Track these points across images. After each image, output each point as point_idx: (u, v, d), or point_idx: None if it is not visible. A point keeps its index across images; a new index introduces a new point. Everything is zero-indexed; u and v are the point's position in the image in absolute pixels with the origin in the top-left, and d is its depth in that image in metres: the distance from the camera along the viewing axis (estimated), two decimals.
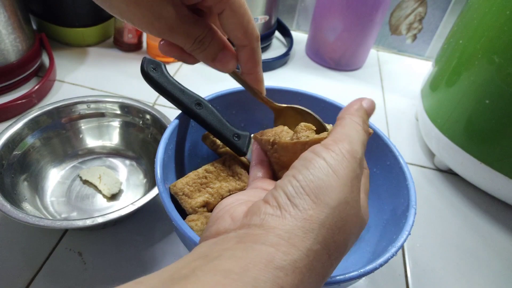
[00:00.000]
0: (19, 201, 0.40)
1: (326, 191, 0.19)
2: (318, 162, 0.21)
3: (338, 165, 0.20)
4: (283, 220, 0.19)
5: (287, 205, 0.19)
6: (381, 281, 0.42)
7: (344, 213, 0.20)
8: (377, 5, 0.70)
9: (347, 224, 0.20)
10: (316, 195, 0.19)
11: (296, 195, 0.20)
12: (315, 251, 0.18)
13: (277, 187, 0.21)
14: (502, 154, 0.47)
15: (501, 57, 0.44)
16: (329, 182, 0.20)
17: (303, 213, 0.19)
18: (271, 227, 0.19)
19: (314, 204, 0.19)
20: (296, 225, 0.18)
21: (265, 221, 0.19)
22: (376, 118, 0.68)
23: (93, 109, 0.50)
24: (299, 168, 0.21)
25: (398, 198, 0.36)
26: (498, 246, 0.48)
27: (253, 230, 0.19)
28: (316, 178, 0.20)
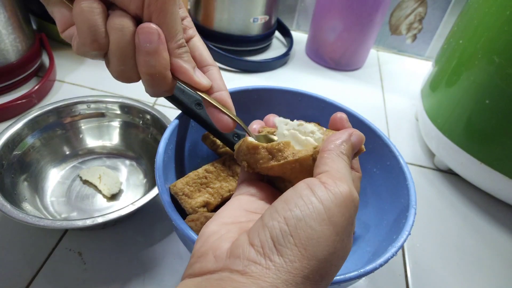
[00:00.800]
0: (19, 201, 0.40)
1: (316, 243, 0.19)
2: (314, 204, 0.19)
3: (335, 210, 0.19)
4: (267, 271, 0.18)
5: (273, 253, 0.19)
6: (381, 281, 0.42)
7: (330, 264, 0.19)
8: (377, 5, 0.70)
9: (330, 272, 0.19)
10: (304, 247, 0.18)
11: (284, 243, 0.19)
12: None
13: (264, 227, 0.20)
14: (502, 154, 0.47)
15: (501, 57, 0.44)
16: (322, 232, 0.19)
17: (288, 265, 0.18)
18: (254, 277, 0.18)
19: (302, 256, 0.18)
20: (279, 277, 0.18)
21: (248, 268, 0.18)
22: (376, 118, 0.68)
23: (93, 109, 0.50)
24: (291, 206, 0.20)
25: (398, 198, 0.36)
26: (498, 246, 0.48)
27: (235, 276, 0.18)
28: (308, 227, 0.19)
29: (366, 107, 0.70)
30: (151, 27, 0.24)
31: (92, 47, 0.24)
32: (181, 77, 0.27)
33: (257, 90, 0.43)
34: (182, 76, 0.27)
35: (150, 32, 0.24)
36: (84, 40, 0.24)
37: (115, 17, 0.24)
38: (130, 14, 0.24)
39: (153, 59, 0.25)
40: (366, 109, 0.69)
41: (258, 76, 0.75)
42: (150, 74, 0.25)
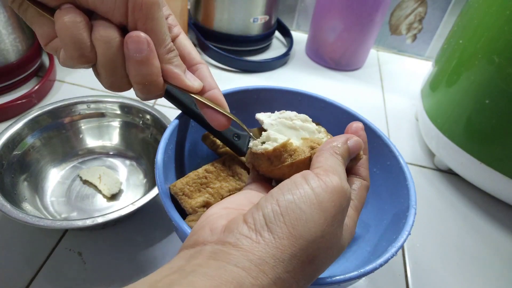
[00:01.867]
0: (19, 201, 0.40)
1: (304, 224, 0.20)
2: (305, 190, 0.21)
3: (325, 196, 0.21)
4: (257, 245, 0.19)
5: (263, 229, 0.20)
6: (381, 281, 0.42)
7: (318, 246, 0.20)
8: (377, 5, 0.70)
9: (319, 256, 0.20)
10: (293, 226, 0.20)
11: (274, 221, 0.20)
12: (283, 280, 0.19)
13: (258, 208, 0.21)
14: (502, 154, 0.47)
15: (501, 57, 0.44)
16: (310, 215, 0.20)
17: (277, 242, 0.19)
18: (244, 249, 0.19)
19: (290, 234, 0.19)
20: (268, 252, 0.19)
21: (239, 241, 0.20)
22: (376, 118, 0.68)
23: (93, 109, 0.50)
24: (285, 191, 0.21)
25: (398, 198, 0.36)
26: (498, 246, 0.48)
27: (227, 248, 0.19)
28: (298, 208, 0.20)
29: (366, 107, 0.70)
30: (140, 35, 0.23)
31: (80, 61, 0.24)
32: (173, 82, 0.27)
33: (257, 90, 0.43)
34: (174, 81, 0.27)
35: (139, 41, 0.23)
36: (71, 54, 0.23)
37: (100, 28, 0.23)
38: (114, 23, 0.24)
39: (144, 68, 0.24)
40: (366, 109, 0.69)
41: (258, 76, 0.75)
42: (142, 83, 0.25)
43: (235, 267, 0.18)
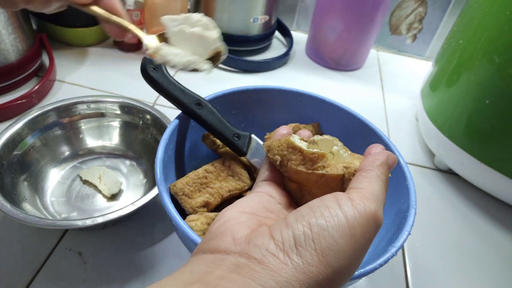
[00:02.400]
0: (19, 201, 0.40)
1: (335, 254, 0.19)
2: (339, 217, 0.20)
3: (358, 228, 0.20)
4: (284, 266, 0.19)
5: (292, 252, 0.19)
6: (381, 281, 0.42)
7: (343, 276, 0.20)
8: (377, 5, 0.70)
9: (340, 282, 0.20)
10: (323, 254, 0.19)
11: (305, 245, 0.19)
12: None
13: (288, 226, 0.20)
14: (502, 154, 0.47)
15: (501, 57, 0.44)
16: (342, 246, 0.19)
17: (305, 267, 0.19)
18: (271, 269, 0.19)
19: (319, 262, 0.19)
20: (295, 276, 0.19)
21: (265, 258, 0.19)
22: (376, 118, 0.68)
23: (93, 109, 0.50)
24: (317, 215, 0.20)
25: (398, 198, 0.36)
26: (498, 246, 0.48)
27: (252, 264, 0.19)
28: (331, 237, 0.19)
29: (366, 107, 0.70)
30: None
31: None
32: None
33: (257, 90, 0.43)
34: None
35: None
36: None
37: None
38: None
39: None
40: (366, 109, 0.69)
41: (258, 76, 0.75)
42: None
43: (260, 286, 0.18)
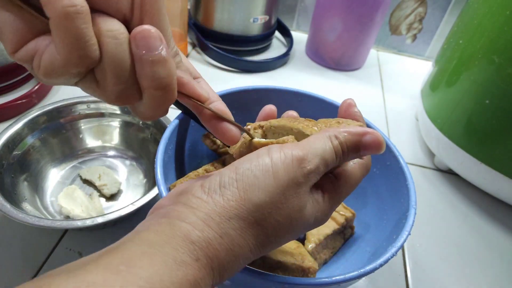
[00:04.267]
0: (19, 201, 0.40)
1: (255, 189, 0.20)
2: (264, 160, 0.21)
3: (281, 168, 0.21)
4: (205, 204, 0.20)
5: (215, 192, 0.21)
6: (381, 281, 0.42)
7: (266, 212, 0.21)
8: (377, 5, 0.70)
9: (268, 221, 0.21)
10: (244, 190, 0.20)
11: (228, 186, 0.21)
12: (230, 236, 0.20)
13: (217, 174, 0.22)
14: (502, 154, 0.47)
15: (501, 57, 0.44)
16: (263, 181, 0.21)
17: (225, 202, 0.20)
18: (192, 207, 0.20)
19: (239, 197, 0.20)
20: (214, 210, 0.20)
21: (189, 200, 0.21)
22: (376, 118, 0.68)
23: (93, 109, 0.50)
24: (245, 161, 0.22)
25: (398, 198, 0.36)
26: (498, 246, 0.48)
27: (178, 207, 0.21)
28: (253, 175, 0.21)
29: (366, 107, 0.70)
30: (151, 30, 0.20)
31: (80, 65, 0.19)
32: (183, 89, 0.24)
33: (257, 90, 0.43)
34: (184, 88, 0.24)
35: (151, 36, 0.20)
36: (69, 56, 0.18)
37: (105, 21, 0.19)
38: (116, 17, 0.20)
39: (161, 69, 0.20)
40: (366, 109, 0.69)
41: (258, 76, 0.75)
42: (159, 88, 0.21)
43: (182, 222, 0.19)
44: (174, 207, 0.21)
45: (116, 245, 0.18)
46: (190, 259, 0.18)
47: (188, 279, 0.18)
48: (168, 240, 0.18)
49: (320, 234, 0.38)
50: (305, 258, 0.35)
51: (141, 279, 0.16)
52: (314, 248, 0.37)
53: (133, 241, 0.18)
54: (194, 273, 0.18)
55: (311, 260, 0.35)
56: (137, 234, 0.19)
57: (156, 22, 0.21)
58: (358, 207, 0.42)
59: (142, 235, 0.19)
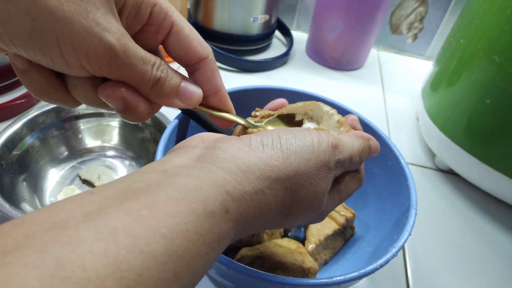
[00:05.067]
0: (18, 201, 0.40)
1: (298, 157, 0.21)
2: (306, 136, 0.22)
3: (320, 149, 0.22)
4: (247, 155, 0.20)
5: (258, 148, 0.20)
6: (381, 282, 0.42)
7: (302, 183, 0.21)
8: (377, 4, 0.70)
9: (299, 192, 0.21)
10: (288, 155, 0.20)
11: (271, 146, 0.20)
12: (264, 194, 0.19)
13: (257, 133, 0.21)
14: (503, 154, 0.47)
15: (501, 56, 0.44)
16: (306, 153, 0.21)
17: (268, 160, 0.20)
18: (234, 155, 0.19)
19: (283, 159, 0.20)
20: (257, 164, 0.19)
21: (230, 149, 0.20)
22: (377, 118, 0.68)
23: (92, 108, 0.49)
24: (287, 131, 0.22)
25: (398, 198, 0.36)
26: (499, 246, 0.48)
27: (216, 152, 0.20)
28: (296, 145, 0.21)
29: (366, 106, 0.70)
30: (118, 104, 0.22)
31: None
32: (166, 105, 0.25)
33: (257, 90, 0.43)
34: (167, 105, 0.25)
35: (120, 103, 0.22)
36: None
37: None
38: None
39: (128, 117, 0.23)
40: (366, 109, 0.69)
41: (258, 75, 0.75)
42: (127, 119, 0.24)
43: (220, 170, 0.18)
44: (211, 151, 0.20)
45: (138, 188, 0.16)
46: (220, 210, 0.17)
47: (213, 232, 0.16)
48: (200, 186, 0.17)
49: (321, 234, 0.38)
50: (305, 258, 0.34)
51: (165, 227, 0.15)
52: (315, 248, 0.37)
53: (159, 185, 0.17)
54: (221, 226, 0.17)
55: (311, 260, 0.35)
56: (164, 177, 0.17)
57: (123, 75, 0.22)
58: (358, 207, 0.41)
59: (171, 179, 0.17)
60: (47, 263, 0.12)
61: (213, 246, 0.16)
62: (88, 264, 0.12)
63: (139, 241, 0.14)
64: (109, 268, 0.13)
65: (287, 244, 0.36)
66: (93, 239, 0.13)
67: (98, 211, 0.15)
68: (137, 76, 0.21)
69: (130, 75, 0.21)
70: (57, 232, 0.13)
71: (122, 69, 0.21)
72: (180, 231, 0.15)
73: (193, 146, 0.21)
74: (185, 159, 0.19)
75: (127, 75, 0.21)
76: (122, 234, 0.14)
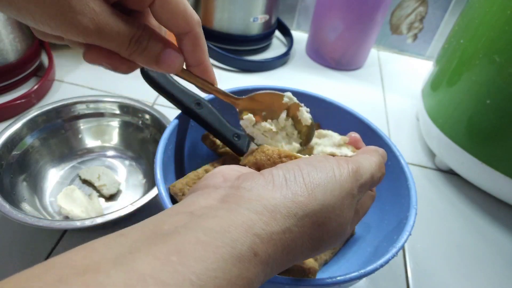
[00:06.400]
0: (18, 201, 0.40)
1: (322, 190, 0.20)
2: (327, 167, 0.21)
3: (342, 178, 0.21)
4: (272, 193, 0.19)
5: (282, 185, 0.20)
6: (381, 282, 0.42)
7: (329, 215, 0.20)
8: (377, 4, 0.70)
9: (327, 226, 0.20)
10: (312, 189, 0.20)
11: (294, 181, 0.20)
12: (292, 232, 0.19)
13: (278, 168, 0.21)
14: (503, 154, 0.47)
15: (502, 56, 0.44)
16: (329, 185, 0.21)
17: (294, 197, 0.19)
18: (259, 195, 0.19)
19: (308, 194, 0.20)
20: (283, 203, 0.19)
21: (255, 188, 0.20)
22: (377, 118, 0.68)
23: (92, 109, 0.49)
24: (307, 163, 0.22)
25: (398, 198, 0.36)
26: (499, 246, 0.48)
27: (241, 192, 0.19)
28: (318, 177, 0.21)
29: (366, 107, 0.70)
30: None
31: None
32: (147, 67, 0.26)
33: (257, 90, 0.42)
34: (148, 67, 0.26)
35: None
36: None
37: None
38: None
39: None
40: (366, 109, 0.69)
41: (258, 76, 0.75)
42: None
43: (246, 211, 0.18)
44: (235, 192, 0.20)
45: (166, 231, 0.17)
46: (249, 254, 0.17)
47: (243, 277, 0.16)
48: (227, 229, 0.17)
49: None
50: None
51: (193, 274, 0.14)
52: None
53: (186, 227, 0.17)
54: (250, 270, 0.17)
55: (311, 260, 0.35)
56: (191, 219, 0.17)
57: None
58: None
59: (198, 221, 0.17)
60: None
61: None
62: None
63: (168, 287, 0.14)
64: None
65: None
66: (123, 285, 0.13)
67: (128, 255, 0.15)
68: (114, 47, 0.23)
69: (109, 46, 0.22)
70: (88, 277, 0.13)
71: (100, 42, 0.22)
72: (208, 278, 0.15)
73: (216, 186, 0.21)
74: (210, 199, 0.19)
75: (106, 45, 0.22)
76: (151, 281, 0.14)
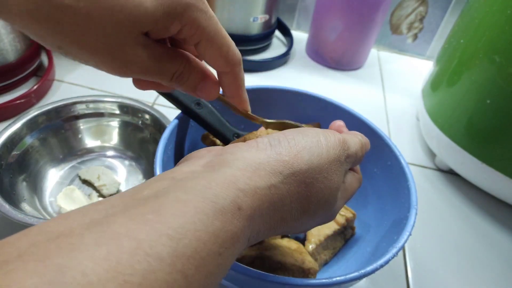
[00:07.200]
0: (18, 201, 0.40)
1: (308, 152, 0.20)
2: (314, 135, 0.22)
3: (329, 144, 0.22)
4: (256, 153, 0.20)
5: (266, 148, 0.20)
6: (382, 282, 0.42)
7: (316, 176, 0.20)
8: (377, 4, 0.70)
9: (315, 186, 0.20)
10: (298, 150, 0.20)
11: (279, 144, 0.20)
12: (278, 188, 0.19)
13: (263, 136, 0.21)
14: (503, 154, 0.47)
15: (502, 56, 0.44)
16: (315, 148, 0.21)
17: (278, 156, 0.20)
18: (243, 156, 0.19)
19: (294, 155, 0.20)
20: (267, 161, 0.19)
21: (238, 152, 0.20)
22: (377, 118, 0.68)
23: (92, 109, 0.49)
24: (293, 131, 0.22)
25: (399, 198, 0.36)
26: (499, 246, 0.48)
27: (224, 157, 0.19)
28: (305, 141, 0.21)
29: (366, 107, 0.70)
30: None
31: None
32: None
33: (257, 90, 0.43)
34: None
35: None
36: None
37: None
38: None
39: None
40: (366, 109, 0.68)
41: (258, 75, 0.75)
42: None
43: (229, 169, 0.18)
44: (219, 157, 0.19)
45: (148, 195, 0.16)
46: (232, 207, 0.16)
47: (226, 230, 0.16)
48: (208, 185, 0.17)
49: (321, 234, 0.38)
50: (305, 259, 0.34)
51: (170, 229, 0.14)
52: (315, 248, 0.37)
53: (168, 190, 0.16)
54: (234, 223, 0.16)
55: (311, 261, 0.35)
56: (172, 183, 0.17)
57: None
58: (358, 207, 0.41)
59: (179, 183, 0.17)
60: (47, 270, 0.12)
61: (226, 246, 0.16)
62: (89, 269, 0.12)
63: (143, 243, 0.13)
64: (111, 272, 0.12)
65: (287, 244, 0.36)
66: (95, 244, 0.13)
67: (103, 218, 0.14)
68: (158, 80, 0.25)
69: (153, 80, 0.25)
70: (60, 240, 0.13)
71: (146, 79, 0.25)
72: (187, 231, 0.14)
73: (200, 156, 0.21)
74: (193, 166, 0.19)
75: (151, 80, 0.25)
76: (125, 239, 0.13)
